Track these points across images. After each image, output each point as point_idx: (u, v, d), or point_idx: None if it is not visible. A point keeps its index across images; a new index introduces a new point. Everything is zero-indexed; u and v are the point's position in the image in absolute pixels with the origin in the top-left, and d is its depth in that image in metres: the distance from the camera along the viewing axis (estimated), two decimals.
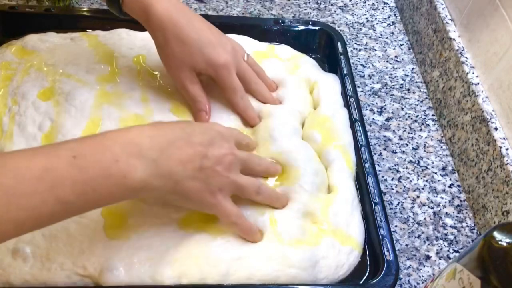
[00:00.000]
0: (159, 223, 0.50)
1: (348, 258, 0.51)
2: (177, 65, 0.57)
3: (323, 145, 0.59)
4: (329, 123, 0.61)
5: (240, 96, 0.58)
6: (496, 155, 0.57)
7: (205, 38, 0.56)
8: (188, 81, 0.57)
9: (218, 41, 0.57)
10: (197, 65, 0.56)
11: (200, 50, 0.55)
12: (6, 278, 0.46)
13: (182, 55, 0.56)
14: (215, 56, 0.56)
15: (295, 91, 0.64)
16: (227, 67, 0.57)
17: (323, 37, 0.74)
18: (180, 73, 0.57)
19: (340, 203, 0.54)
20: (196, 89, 0.58)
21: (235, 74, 0.58)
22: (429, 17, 0.76)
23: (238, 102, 0.59)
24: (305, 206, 0.53)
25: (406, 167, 0.65)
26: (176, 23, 0.54)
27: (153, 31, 0.56)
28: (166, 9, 0.54)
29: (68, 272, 0.47)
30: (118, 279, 0.46)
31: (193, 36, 0.55)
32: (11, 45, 0.65)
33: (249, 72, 0.60)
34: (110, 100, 0.59)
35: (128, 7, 0.56)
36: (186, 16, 0.55)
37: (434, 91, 0.73)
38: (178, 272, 0.47)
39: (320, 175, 0.56)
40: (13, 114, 0.57)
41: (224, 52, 0.57)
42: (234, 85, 0.58)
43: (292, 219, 0.52)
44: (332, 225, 0.52)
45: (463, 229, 0.60)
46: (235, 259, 0.48)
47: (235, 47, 0.59)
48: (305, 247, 0.50)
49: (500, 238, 0.38)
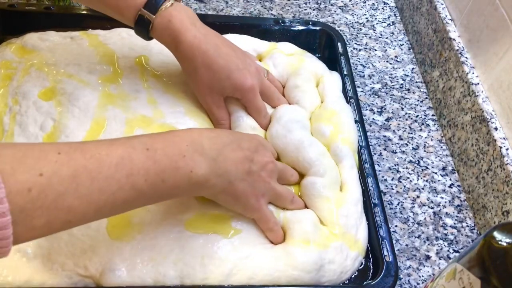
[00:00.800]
0: (164, 224, 0.50)
1: (353, 264, 0.51)
2: (206, 91, 0.59)
3: (332, 140, 0.58)
4: (337, 118, 0.60)
5: (264, 115, 0.61)
6: (496, 155, 0.57)
7: (233, 64, 0.57)
8: (215, 106, 0.60)
9: (244, 65, 0.59)
10: (225, 91, 0.59)
11: (227, 76, 0.57)
12: (6, 278, 0.46)
13: (211, 82, 0.58)
14: (242, 81, 0.58)
15: (302, 89, 0.64)
16: (253, 89, 0.59)
17: (323, 37, 0.74)
18: (208, 98, 0.59)
19: (351, 204, 0.54)
20: (221, 113, 0.60)
21: (259, 95, 0.60)
22: (429, 17, 0.76)
23: (261, 121, 0.61)
24: (318, 207, 0.53)
25: (406, 167, 0.65)
26: (205, 52, 0.56)
27: (182, 59, 0.58)
28: (195, 37, 0.56)
29: (69, 272, 0.47)
30: (120, 279, 0.46)
31: (221, 63, 0.57)
32: (10, 44, 0.65)
33: (272, 90, 0.63)
34: (115, 101, 0.59)
35: (157, 34, 0.57)
36: (214, 43, 0.57)
37: (434, 91, 0.74)
38: (181, 273, 0.47)
39: (333, 173, 0.56)
40: (14, 114, 0.57)
41: (249, 75, 0.59)
42: (259, 106, 0.60)
43: (306, 220, 0.52)
44: (342, 228, 0.52)
45: (463, 229, 0.60)
46: (242, 258, 0.48)
47: (257, 68, 0.62)
48: (314, 248, 0.50)
49: (500, 238, 0.38)
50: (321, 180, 0.54)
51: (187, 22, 0.56)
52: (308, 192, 0.54)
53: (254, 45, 0.69)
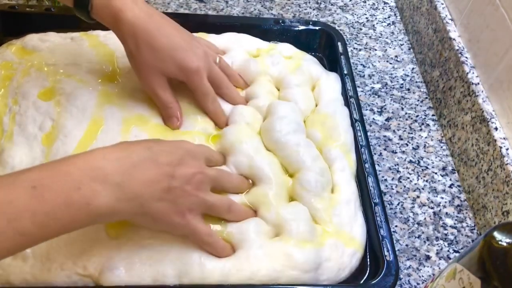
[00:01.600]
0: None
1: (351, 261, 0.51)
2: (148, 72, 0.56)
3: (324, 144, 0.59)
4: (330, 121, 0.60)
5: (211, 100, 0.59)
6: (496, 155, 0.57)
7: (176, 43, 0.56)
8: (159, 87, 0.57)
9: (189, 46, 0.57)
10: (168, 71, 0.56)
11: (170, 55, 0.55)
12: (6, 278, 0.46)
13: (153, 62, 0.55)
14: (186, 61, 0.56)
15: (298, 89, 0.64)
16: (199, 72, 0.57)
17: (323, 37, 0.74)
18: (151, 79, 0.57)
19: (344, 203, 0.54)
20: (167, 95, 0.57)
21: (206, 79, 0.58)
22: (429, 17, 0.76)
23: (208, 106, 0.59)
24: (311, 206, 0.53)
25: (406, 167, 0.65)
26: (147, 30, 0.54)
27: (123, 38, 0.55)
28: (136, 15, 0.54)
29: (68, 272, 0.47)
30: (119, 278, 0.46)
31: (164, 42, 0.55)
32: (11, 45, 0.65)
33: (220, 76, 0.60)
34: (112, 100, 0.59)
35: (96, 13, 0.55)
36: (156, 22, 0.55)
37: (434, 91, 0.73)
38: (180, 271, 0.47)
39: (325, 175, 0.56)
40: (13, 114, 0.57)
41: (195, 57, 0.57)
42: (205, 89, 0.58)
43: (300, 218, 0.51)
44: (336, 226, 0.52)
45: (463, 229, 0.60)
46: (241, 258, 0.48)
47: (206, 52, 0.59)
48: (310, 247, 0.50)
49: (500, 238, 0.38)
50: (314, 178, 0.54)
51: (128, 1, 0.53)
52: (302, 190, 0.54)
53: (254, 45, 0.69)
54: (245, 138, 0.56)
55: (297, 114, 0.60)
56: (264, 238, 0.50)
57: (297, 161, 0.55)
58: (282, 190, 0.54)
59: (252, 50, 0.68)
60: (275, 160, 0.56)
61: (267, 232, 0.51)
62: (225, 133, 0.57)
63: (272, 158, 0.56)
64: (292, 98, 0.63)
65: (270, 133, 0.57)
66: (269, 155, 0.56)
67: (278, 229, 0.51)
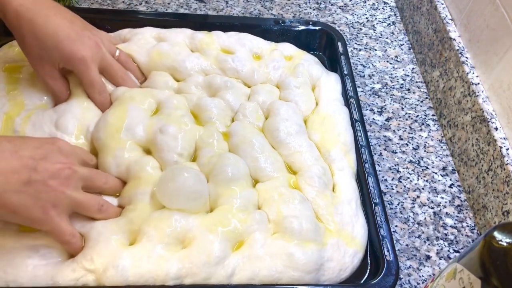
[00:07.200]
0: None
1: (352, 261, 0.51)
2: (36, 61, 0.56)
3: (324, 144, 0.59)
4: (330, 121, 0.61)
5: (98, 91, 0.58)
6: (496, 155, 0.57)
7: (63, 33, 0.55)
8: (48, 77, 0.57)
9: (78, 36, 0.56)
10: (55, 61, 0.56)
11: (55, 45, 0.55)
12: (10, 277, 0.46)
13: (39, 51, 0.55)
14: (71, 51, 0.56)
15: (298, 90, 0.64)
16: (85, 62, 0.56)
17: (324, 37, 0.74)
18: (40, 68, 0.57)
19: (345, 203, 0.54)
20: (57, 85, 0.58)
21: (94, 69, 0.57)
22: (429, 17, 0.76)
23: (95, 97, 0.58)
24: (314, 201, 0.53)
25: (406, 167, 0.65)
26: (31, 19, 0.54)
27: (10, 27, 0.55)
28: (21, 5, 0.53)
29: (75, 264, 0.46)
30: (122, 274, 0.46)
31: (49, 32, 0.55)
32: (13, 46, 0.65)
33: (115, 68, 0.60)
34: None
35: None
36: (43, 12, 0.55)
37: (434, 91, 0.73)
38: (185, 271, 0.47)
39: (326, 174, 0.56)
40: (28, 115, 0.57)
41: (82, 46, 0.56)
42: (92, 79, 0.57)
43: (304, 215, 0.51)
44: (337, 224, 0.52)
45: (463, 229, 0.60)
46: (243, 258, 0.48)
47: (98, 43, 0.59)
48: (313, 248, 0.49)
49: (500, 238, 0.38)
50: (317, 175, 0.54)
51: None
52: (305, 184, 0.54)
53: (254, 44, 0.69)
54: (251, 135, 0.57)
55: (298, 116, 0.61)
56: (265, 234, 0.50)
57: (300, 161, 0.56)
58: (287, 186, 0.54)
59: (256, 50, 0.68)
60: (279, 158, 0.57)
61: (269, 229, 0.51)
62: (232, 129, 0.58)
63: (276, 156, 0.57)
64: (292, 99, 0.63)
65: (274, 133, 0.58)
66: (274, 152, 0.57)
67: (280, 226, 0.51)
